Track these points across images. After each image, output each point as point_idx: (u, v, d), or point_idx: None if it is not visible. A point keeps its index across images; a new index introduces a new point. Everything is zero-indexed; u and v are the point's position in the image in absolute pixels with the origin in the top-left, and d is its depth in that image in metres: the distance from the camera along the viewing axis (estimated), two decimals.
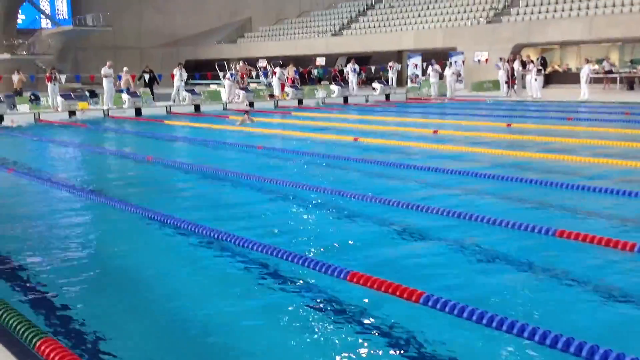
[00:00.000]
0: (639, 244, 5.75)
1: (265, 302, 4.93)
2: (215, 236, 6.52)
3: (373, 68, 36.26)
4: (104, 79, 24.47)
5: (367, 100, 29.18)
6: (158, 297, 5.11)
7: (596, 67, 30.47)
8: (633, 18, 29.09)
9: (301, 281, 5.31)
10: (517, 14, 34.94)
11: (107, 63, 25.16)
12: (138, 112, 24.27)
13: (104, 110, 24.10)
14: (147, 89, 27.85)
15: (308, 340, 4.24)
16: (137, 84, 27.30)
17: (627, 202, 7.88)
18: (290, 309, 4.77)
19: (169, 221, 7.22)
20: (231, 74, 28.36)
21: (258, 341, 4.25)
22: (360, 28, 43.32)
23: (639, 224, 6.96)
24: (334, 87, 30.03)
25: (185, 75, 27.04)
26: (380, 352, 4.04)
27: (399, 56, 38.33)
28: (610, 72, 30.95)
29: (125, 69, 26.65)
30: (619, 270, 5.48)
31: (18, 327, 4.17)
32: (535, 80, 26.50)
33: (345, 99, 28.90)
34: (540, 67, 27.45)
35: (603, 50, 33.33)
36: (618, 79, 30.55)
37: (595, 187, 8.42)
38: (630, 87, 29.71)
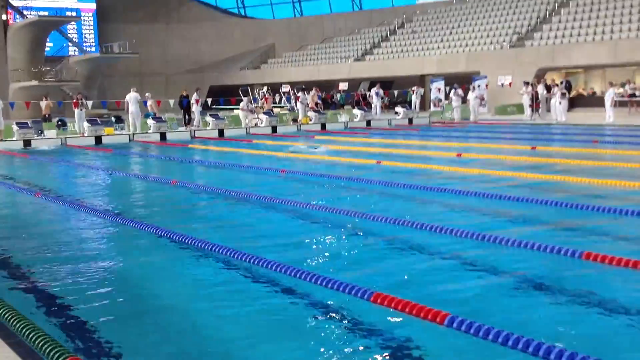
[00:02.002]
0: None
1: (285, 320, 4.92)
2: (239, 257, 6.53)
3: (396, 92, 36.33)
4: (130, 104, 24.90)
5: (390, 124, 29.21)
6: (180, 320, 5.13)
7: (621, 90, 30.22)
8: None
9: (321, 301, 5.29)
10: (541, 38, 34.87)
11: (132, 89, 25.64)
12: (163, 136, 24.54)
13: (129, 135, 24.43)
14: (173, 115, 28.17)
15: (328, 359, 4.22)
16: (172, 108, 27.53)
17: None
18: (308, 328, 4.76)
19: (192, 242, 7.26)
20: (254, 99, 28.56)
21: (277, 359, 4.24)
22: (382, 53, 43.52)
23: None
24: (356, 112, 30.12)
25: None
26: None
27: (421, 80, 38.39)
28: (634, 95, 30.66)
29: (147, 94, 27.02)
30: None
31: (44, 347, 4.20)
32: (560, 103, 26.36)
33: (368, 123, 28.96)
34: (564, 91, 27.31)
35: (628, 74, 33.07)
36: None
37: (621, 209, 8.31)
38: None
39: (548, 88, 28.81)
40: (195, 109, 26.95)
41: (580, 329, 4.66)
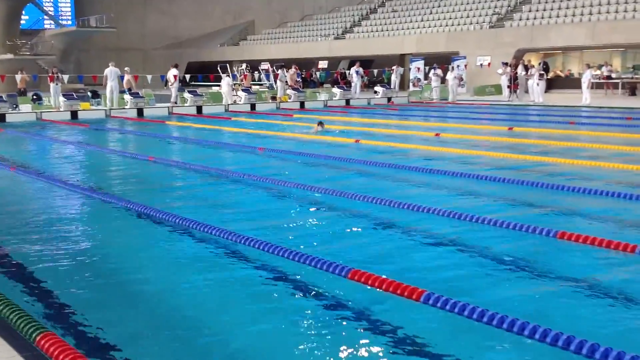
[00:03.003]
0: None
1: (265, 299, 4.93)
2: (217, 234, 6.53)
3: (375, 71, 36.26)
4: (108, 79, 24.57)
5: (369, 104, 29.20)
6: (156, 292, 5.12)
7: (598, 72, 30.47)
8: (636, 24, 29.09)
9: (300, 278, 5.31)
10: (520, 19, 34.95)
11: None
12: (140, 112, 24.31)
13: (105, 111, 24.17)
14: (150, 90, 27.87)
15: (307, 336, 4.23)
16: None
17: (627, 204, 7.88)
18: (287, 305, 4.78)
19: (169, 219, 7.24)
20: (233, 76, 28.37)
21: (259, 337, 4.25)
22: (363, 32, 43.36)
23: (639, 226, 6.97)
24: (336, 90, 30.06)
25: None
26: (380, 350, 4.04)
27: (401, 60, 38.35)
28: (610, 77, 30.95)
29: (126, 69, 26.68)
30: (620, 271, 5.48)
31: (18, 322, 4.17)
32: (538, 84, 26.51)
33: (348, 102, 28.92)
34: (542, 72, 27.47)
35: (605, 56, 33.33)
36: (620, 84, 30.54)
37: (596, 190, 8.43)
38: (633, 93, 29.70)
39: (526, 69, 28.95)
40: (174, 85, 26.67)
41: (554, 306, 4.74)
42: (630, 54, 33.53)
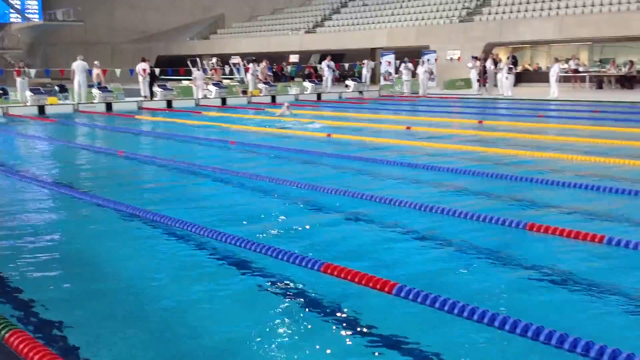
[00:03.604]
0: (608, 236, 5.86)
1: (238, 294, 4.92)
2: (187, 228, 6.49)
3: (347, 65, 36.28)
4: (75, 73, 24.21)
5: (340, 98, 29.24)
6: (125, 286, 5.07)
7: (565, 66, 30.88)
8: (602, 18, 29.53)
9: (272, 272, 5.30)
10: (489, 13, 35.25)
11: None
12: (109, 107, 24.02)
13: (73, 106, 23.84)
14: (119, 85, 27.52)
15: (279, 330, 4.23)
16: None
17: (595, 196, 8.02)
18: (259, 299, 4.78)
19: (139, 213, 7.18)
20: (203, 70, 28.17)
21: (230, 331, 4.24)
22: (333, 26, 43.35)
23: (606, 217, 7.08)
24: (307, 84, 30.03)
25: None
26: (353, 343, 4.05)
27: (372, 54, 38.44)
28: (577, 71, 31.40)
29: (95, 63, 26.32)
30: (589, 261, 5.57)
31: None
32: (507, 78, 26.79)
33: (319, 96, 28.91)
34: (511, 66, 27.77)
35: (573, 50, 33.77)
36: (587, 78, 30.99)
37: (564, 182, 8.56)
38: (599, 86, 30.16)
39: (495, 63, 29.23)
40: (141, 79, 26.34)
41: (524, 297, 4.80)
42: (597, 48, 34.03)
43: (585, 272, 5.24)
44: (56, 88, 26.51)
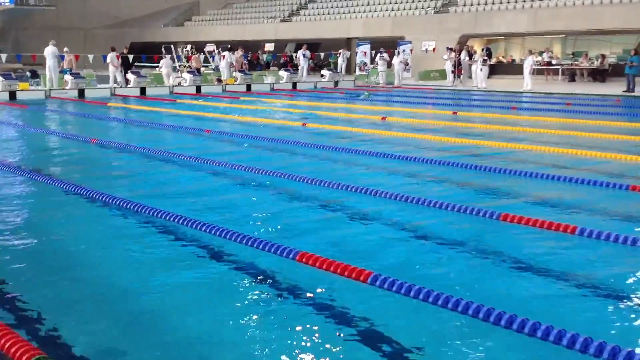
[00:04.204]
0: (580, 227, 5.94)
1: (212, 282, 4.90)
2: (161, 216, 6.45)
3: (322, 55, 36.20)
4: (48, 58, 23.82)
5: (315, 87, 29.19)
6: (97, 275, 5.03)
7: (539, 58, 31.16)
8: (575, 11, 29.83)
9: (246, 261, 5.29)
10: (464, 4, 35.38)
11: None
12: (81, 93, 23.70)
13: (45, 91, 23.48)
14: (91, 71, 27.14)
15: (253, 319, 4.23)
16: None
17: (567, 187, 8.12)
18: (234, 288, 4.77)
19: (111, 201, 7.10)
20: (177, 57, 27.88)
21: (203, 320, 4.22)
22: (309, 15, 43.19)
23: (578, 208, 7.17)
24: (282, 73, 29.91)
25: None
26: (328, 331, 4.06)
27: (348, 44, 38.40)
28: (551, 63, 31.72)
29: (65, 49, 25.90)
30: (561, 251, 5.65)
31: None
32: (481, 70, 26.95)
33: (294, 85, 28.83)
34: (485, 58, 27.94)
35: (547, 43, 34.08)
36: (560, 70, 31.32)
37: (537, 173, 8.65)
38: (572, 79, 30.49)
39: (470, 55, 29.39)
40: (112, 69, 25.89)
41: (497, 286, 4.85)
42: (570, 41, 34.37)
43: (558, 262, 5.31)
44: (28, 73, 26.09)
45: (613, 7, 28.63)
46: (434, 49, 33.46)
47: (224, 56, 29.29)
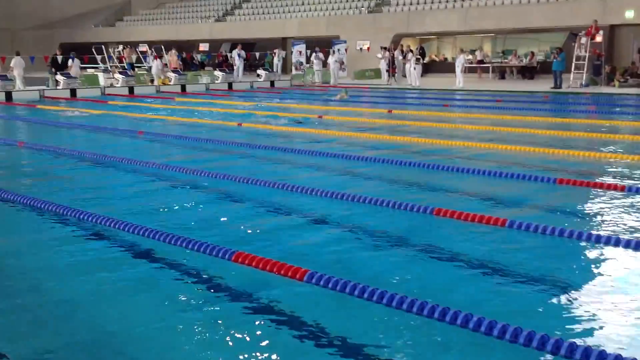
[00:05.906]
0: (509, 220, 6.11)
1: (146, 285, 4.82)
2: (94, 220, 6.30)
3: (258, 55, 36.05)
4: None
5: (252, 87, 29.07)
6: (26, 279, 4.88)
7: (470, 57, 31.86)
8: (504, 10, 30.65)
9: (185, 263, 5.23)
10: (397, 4, 35.87)
11: None
12: (8, 96, 22.92)
13: None
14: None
15: (191, 320, 4.18)
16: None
17: (497, 181, 8.33)
18: (171, 290, 4.70)
19: (41, 205, 6.90)
20: (109, 57, 27.32)
21: (139, 324, 4.15)
22: (244, 14, 42.96)
23: (508, 201, 7.37)
24: (218, 73, 29.67)
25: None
26: (266, 331, 4.05)
27: (283, 43, 38.38)
28: (482, 62, 32.50)
29: None
30: (492, 243, 5.78)
31: None
32: (415, 68, 27.37)
33: (230, 85, 28.63)
34: (419, 57, 28.40)
35: (477, 41, 34.87)
36: (490, 68, 32.10)
37: (469, 169, 8.84)
38: (502, 77, 31.31)
39: (404, 54, 29.80)
40: (16, 73, 24.98)
41: (430, 279, 4.93)
42: (499, 40, 35.24)
43: (489, 254, 5.44)
44: None
45: (541, 7, 29.53)
46: (368, 48, 33.80)
47: (157, 57, 28.84)
